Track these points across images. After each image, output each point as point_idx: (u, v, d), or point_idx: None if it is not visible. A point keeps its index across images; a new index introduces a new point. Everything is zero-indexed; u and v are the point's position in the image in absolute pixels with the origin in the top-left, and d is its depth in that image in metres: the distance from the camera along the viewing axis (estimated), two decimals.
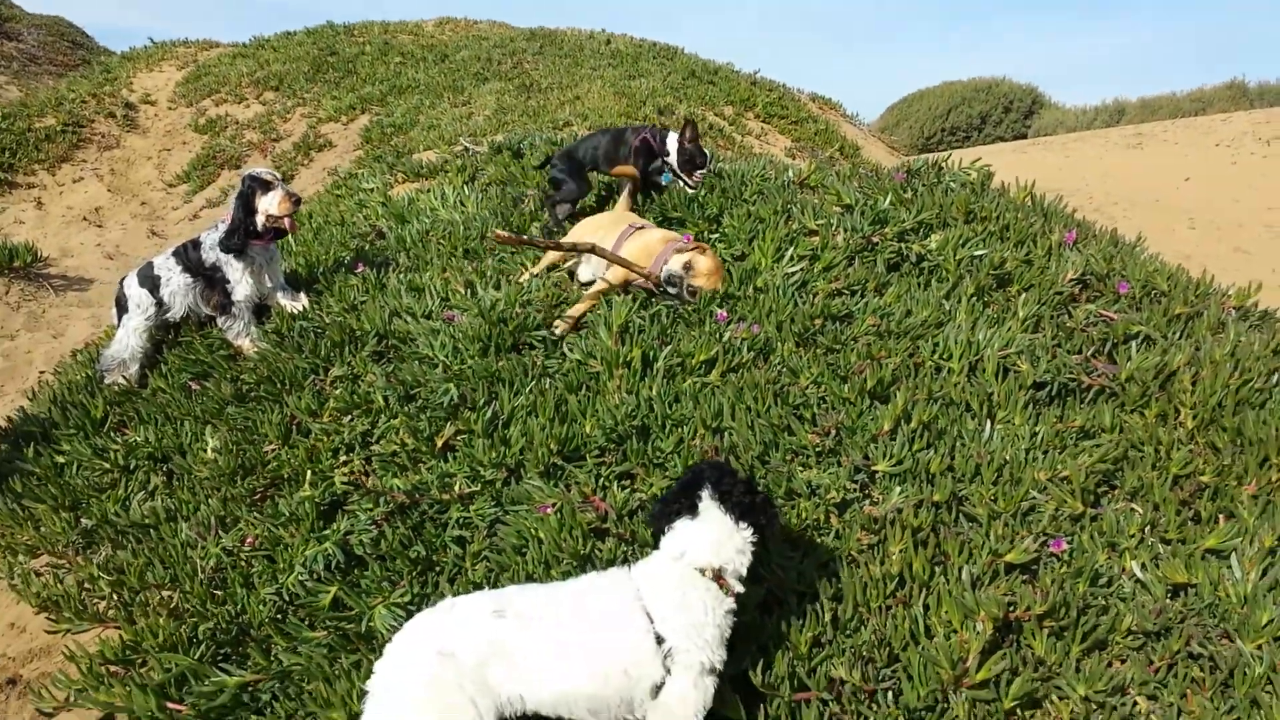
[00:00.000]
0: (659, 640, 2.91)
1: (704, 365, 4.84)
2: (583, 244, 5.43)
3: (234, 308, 5.67)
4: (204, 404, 5.22)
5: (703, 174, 6.55)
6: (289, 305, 5.85)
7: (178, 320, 5.94)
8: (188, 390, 5.45)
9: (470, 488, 4.27)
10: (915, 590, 3.71)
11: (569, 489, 4.17)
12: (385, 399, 4.77)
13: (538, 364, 4.99)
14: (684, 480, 3.28)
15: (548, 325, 5.25)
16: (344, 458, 4.60)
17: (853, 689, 3.37)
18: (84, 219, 12.95)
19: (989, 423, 4.48)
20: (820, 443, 4.33)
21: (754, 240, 5.77)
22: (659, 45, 17.78)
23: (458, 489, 4.26)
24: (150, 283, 5.79)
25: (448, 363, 4.95)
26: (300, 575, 4.01)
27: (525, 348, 5.15)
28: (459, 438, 4.54)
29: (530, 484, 4.22)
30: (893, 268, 5.62)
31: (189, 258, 5.75)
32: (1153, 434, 4.40)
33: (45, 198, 13.40)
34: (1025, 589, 3.63)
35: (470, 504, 4.21)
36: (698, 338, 4.96)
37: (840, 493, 4.06)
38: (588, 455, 4.36)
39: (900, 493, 4.08)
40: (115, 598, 4.22)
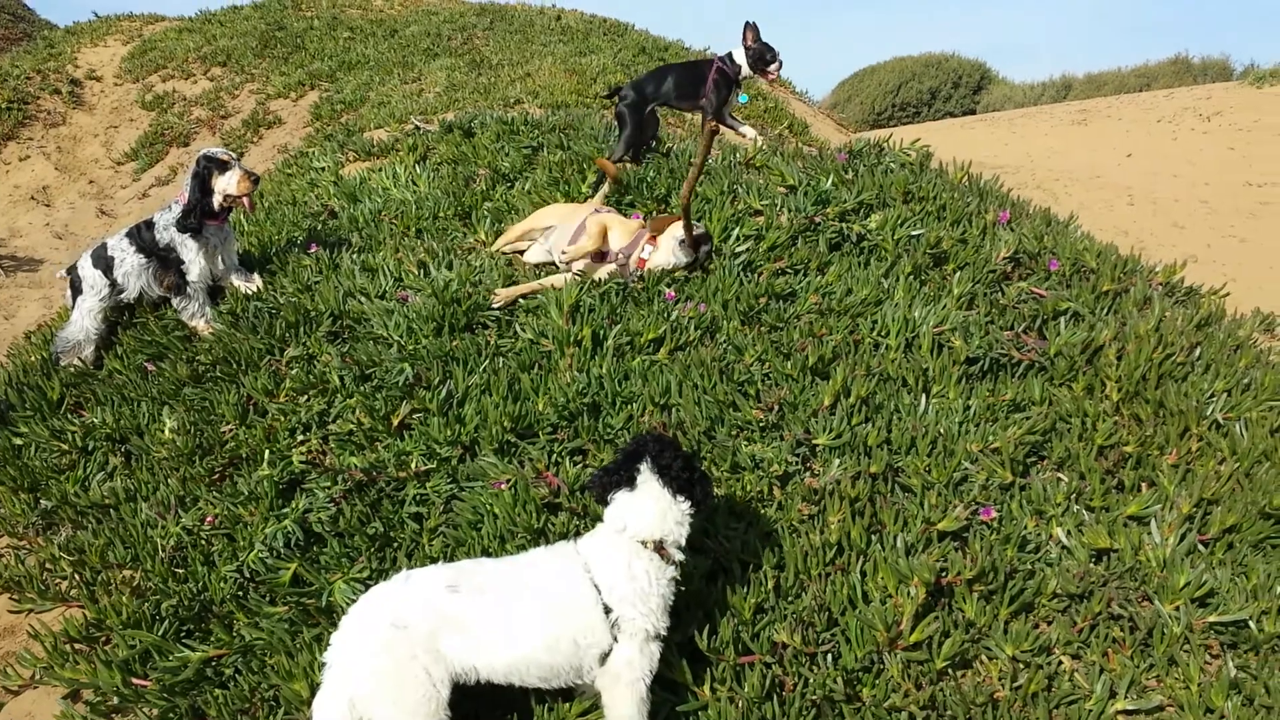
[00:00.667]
0: (606, 610, 3.05)
1: (652, 344, 4.98)
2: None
3: (189, 288, 5.69)
4: (160, 385, 5.26)
5: (776, 67, 6.97)
6: (243, 286, 5.89)
7: (132, 301, 5.96)
8: (144, 371, 5.48)
9: (426, 465, 4.37)
10: (853, 558, 3.89)
11: (523, 465, 4.29)
12: (341, 379, 4.85)
13: (491, 343, 5.10)
14: (626, 451, 3.37)
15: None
16: (301, 437, 4.67)
17: (794, 652, 3.54)
18: (31, 198, 12.81)
19: (924, 397, 4.66)
20: (764, 418, 4.49)
21: (701, 220, 5.89)
22: (609, 21, 17.77)
23: (414, 466, 4.36)
24: (104, 264, 5.79)
25: (402, 343, 5.05)
26: (260, 553, 4.10)
27: (479, 327, 5.25)
28: (415, 416, 4.64)
29: (485, 461, 4.34)
30: (834, 247, 5.78)
31: (143, 238, 5.76)
32: (1080, 406, 4.61)
33: None
34: (957, 555, 3.83)
35: (426, 481, 4.32)
36: (646, 317, 5.09)
37: (782, 466, 4.22)
38: (540, 432, 4.48)
39: (839, 465, 4.25)
40: (77, 577, 4.27)
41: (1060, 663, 3.60)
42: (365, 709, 2.88)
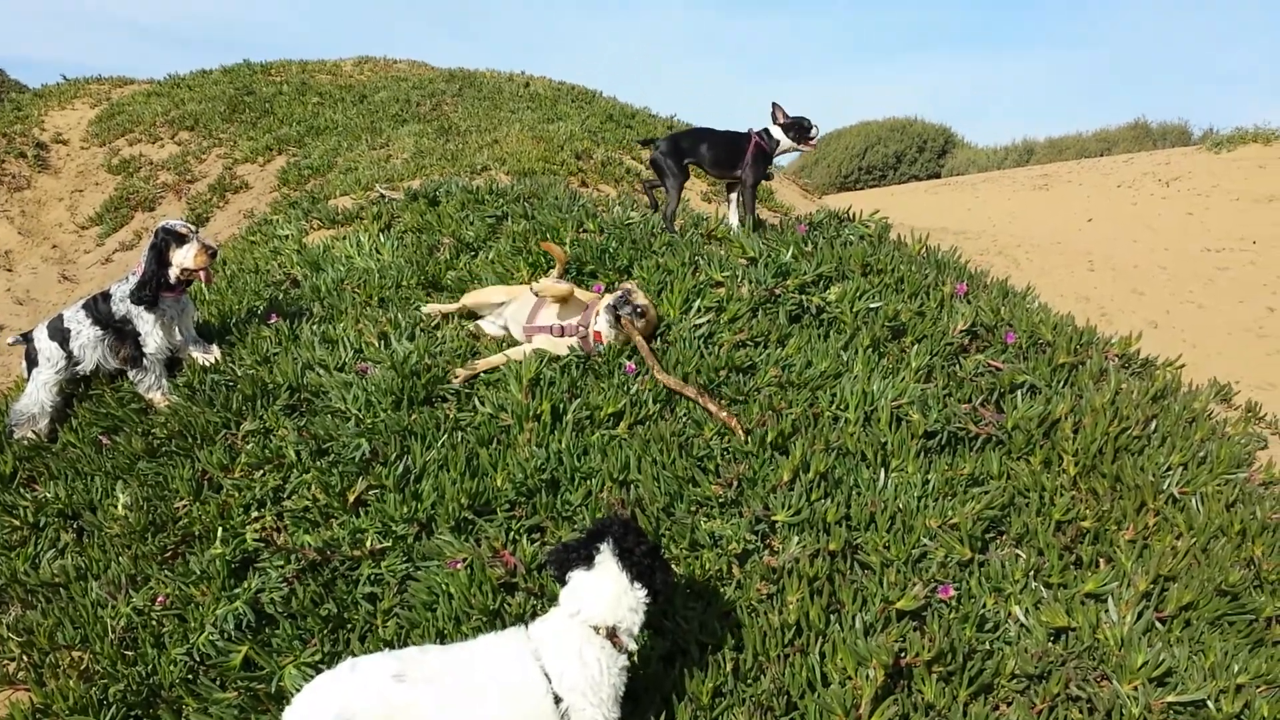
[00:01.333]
0: (557, 700, 3.01)
1: (612, 418, 4.96)
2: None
3: (145, 360, 5.63)
4: (115, 459, 5.19)
5: (815, 133, 7.33)
6: (201, 358, 5.83)
7: (89, 373, 5.88)
8: (99, 445, 5.40)
9: (382, 543, 4.32)
10: (812, 638, 3.86)
11: (479, 543, 4.25)
12: (297, 453, 4.80)
13: (450, 417, 5.07)
14: (590, 530, 3.35)
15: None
16: (255, 514, 4.61)
17: None
18: None
19: (883, 471, 4.67)
20: (723, 494, 4.48)
21: (662, 292, 5.93)
22: (577, 88, 18.00)
23: (369, 545, 4.31)
24: (60, 335, 5.74)
25: (360, 416, 5.00)
26: (211, 635, 4.03)
27: (438, 400, 5.23)
28: (371, 493, 4.59)
29: (441, 539, 4.29)
30: (794, 319, 5.81)
31: (99, 310, 5.71)
32: (1037, 480, 4.63)
33: None
34: (915, 635, 3.81)
35: (381, 560, 4.27)
36: (606, 390, 5.09)
37: (741, 543, 4.21)
38: (498, 509, 4.45)
39: (798, 542, 4.23)
40: (25, 659, 4.18)
41: None
42: None
